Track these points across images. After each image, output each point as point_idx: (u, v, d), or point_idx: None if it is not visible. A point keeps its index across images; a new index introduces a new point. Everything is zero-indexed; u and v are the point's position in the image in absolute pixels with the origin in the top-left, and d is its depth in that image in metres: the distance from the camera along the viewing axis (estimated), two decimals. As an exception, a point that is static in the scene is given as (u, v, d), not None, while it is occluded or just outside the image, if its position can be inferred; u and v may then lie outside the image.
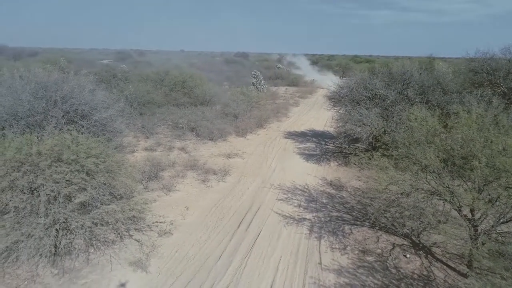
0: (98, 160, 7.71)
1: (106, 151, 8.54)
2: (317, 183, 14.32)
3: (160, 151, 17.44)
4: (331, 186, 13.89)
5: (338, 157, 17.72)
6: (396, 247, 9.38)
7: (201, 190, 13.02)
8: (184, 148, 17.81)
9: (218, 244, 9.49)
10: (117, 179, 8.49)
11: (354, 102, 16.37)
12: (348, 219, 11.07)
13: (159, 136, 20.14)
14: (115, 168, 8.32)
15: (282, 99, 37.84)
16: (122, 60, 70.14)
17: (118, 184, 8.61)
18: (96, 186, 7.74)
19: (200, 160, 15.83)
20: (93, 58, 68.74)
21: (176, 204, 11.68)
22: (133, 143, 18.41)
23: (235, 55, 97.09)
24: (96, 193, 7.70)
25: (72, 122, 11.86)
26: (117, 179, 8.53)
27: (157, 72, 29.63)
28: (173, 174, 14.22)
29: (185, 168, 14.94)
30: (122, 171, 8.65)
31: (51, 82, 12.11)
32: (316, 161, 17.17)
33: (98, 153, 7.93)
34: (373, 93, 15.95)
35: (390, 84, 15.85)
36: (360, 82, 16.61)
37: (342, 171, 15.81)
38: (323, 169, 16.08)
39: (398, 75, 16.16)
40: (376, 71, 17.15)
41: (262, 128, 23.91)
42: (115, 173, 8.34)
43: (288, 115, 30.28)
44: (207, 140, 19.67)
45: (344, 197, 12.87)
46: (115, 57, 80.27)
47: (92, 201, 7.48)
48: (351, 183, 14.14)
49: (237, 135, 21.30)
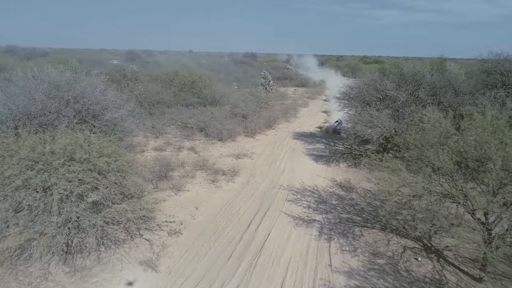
0: (110, 160, 7.79)
1: (118, 151, 8.60)
2: (327, 184, 14.24)
3: (170, 151, 17.53)
4: (341, 188, 13.79)
5: (347, 158, 17.60)
6: (407, 250, 9.27)
7: (210, 190, 13.05)
8: (194, 148, 17.88)
9: (227, 244, 9.50)
10: (128, 178, 8.55)
11: (364, 103, 16.24)
12: (358, 221, 10.98)
13: (168, 136, 20.25)
14: (126, 167, 8.37)
15: (291, 100, 37.74)
16: (131, 61, 70.76)
17: (129, 184, 8.67)
18: (107, 185, 7.81)
19: (209, 161, 15.87)
20: (103, 58, 69.51)
21: (185, 204, 11.72)
22: (143, 143, 18.54)
23: (243, 56, 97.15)
24: (108, 192, 7.76)
25: (84, 122, 12.00)
26: (128, 179, 8.59)
27: (166, 72, 29.78)
28: (182, 174, 14.28)
29: (195, 168, 14.99)
30: (133, 171, 8.70)
31: (64, 82, 12.25)
32: (325, 162, 17.07)
33: (110, 153, 8.00)
34: (384, 94, 15.81)
35: (401, 85, 15.68)
36: (370, 83, 16.47)
37: (352, 172, 15.70)
38: (333, 170, 15.98)
39: (409, 76, 15.99)
40: (386, 72, 16.99)
41: (271, 129, 23.89)
42: (126, 173, 8.39)
43: (297, 115, 30.20)
44: (216, 140, 19.71)
45: (354, 199, 12.77)
46: (124, 58, 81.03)
47: (103, 200, 7.54)
48: (361, 185, 14.02)
49: (246, 136, 21.30)
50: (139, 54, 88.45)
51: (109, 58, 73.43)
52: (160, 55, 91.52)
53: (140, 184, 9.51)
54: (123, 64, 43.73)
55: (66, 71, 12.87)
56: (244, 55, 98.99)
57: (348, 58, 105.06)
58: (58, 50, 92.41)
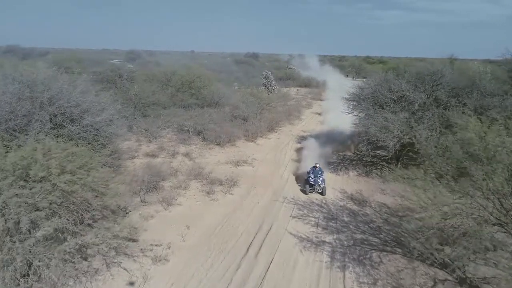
0: (75, 177, 6.26)
1: (91, 164, 7.08)
2: (336, 196, 12.71)
3: (163, 157, 16.02)
4: (353, 201, 12.25)
5: (357, 165, 16.05)
6: (438, 284, 7.72)
7: (205, 204, 11.53)
8: (189, 154, 16.36)
9: (223, 274, 7.98)
10: (102, 198, 7.04)
11: (376, 105, 14.67)
12: (375, 243, 9.43)
13: (163, 140, 18.74)
14: (98, 185, 6.86)
15: (294, 101, 36.19)
16: (132, 60, 69.42)
17: (105, 202, 7.18)
18: (72, 209, 6.29)
19: (205, 168, 14.34)
20: (104, 58, 68.05)
21: (175, 222, 10.20)
22: (134, 148, 17.05)
23: (245, 56, 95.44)
24: (72, 217, 6.25)
25: (60, 127, 10.52)
26: (103, 198, 7.08)
27: (163, 71, 28.23)
28: (174, 184, 12.78)
29: (189, 177, 13.48)
30: (108, 191, 7.18)
31: (39, 81, 10.77)
32: (333, 170, 15.52)
33: (78, 167, 6.48)
34: (399, 95, 14.25)
35: (418, 86, 14.12)
36: (383, 83, 14.90)
37: (363, 182, 14.14)
38: (342, 180, 14.44)
39: (427, 75, 14.43)
40: (401, 71, 15.42)
41: (273, 132, 22.34)
42: (100, 192, 6.88)
43: (300, 117, 28.69)
44: (214, 145, 18.19)
45: (368, 215, 11.23)
46: (125, 57, 79.73)
47: (64, 229, 6.03)
48: (375, 198, 12.48)
49: (247, 140, 19.76)
50: (140, 54, 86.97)
51: (110, 58, 72.04)
52: (162, 55, 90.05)
53: (117, 203, 8.03)
54: (119, 64, 42.29)
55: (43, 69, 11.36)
56: (246, 55, 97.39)
57: (351, 59, 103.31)
58: (60, 50, 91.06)
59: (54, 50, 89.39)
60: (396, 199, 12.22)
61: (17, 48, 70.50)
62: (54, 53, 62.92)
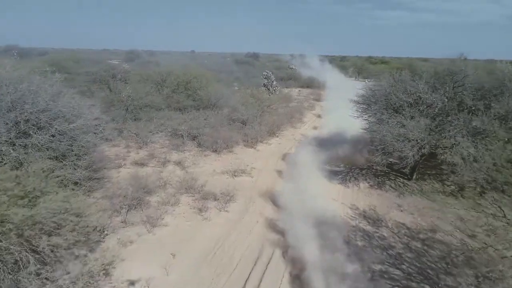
0: (15, 209, 4.72)
1: (41, 188, 5.53)
2: (346, 213, 11.14)
3: (152, 165, 14.48)
4: (366, 219, 10.69)
5: (367, 175, 14.47)
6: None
7: (196, 224, 9.98)
8: (181, 163, 14.80)
9: (212, 321, 6.45)
10: (58, 231, 5.50)
11: (390, 108, 13.10)
12: (397, 277, 7.87)
13: (154, 146, 17.20)
14: (51, 216, 5.31)
15: (296, 102, 34.65)
16: (131, 60, 68.12)
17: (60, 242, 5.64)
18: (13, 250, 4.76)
19: (198, 180, 12.80)
20: (103, 58, 66.59)
21: (160, 248, 8.65)
22: (122, 155, 15.52)
23: (245, 56, 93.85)
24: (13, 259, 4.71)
25: (25, 136, 8.98)
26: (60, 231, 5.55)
27: (158, 71, 26.68)
28: (162, 199, 11.24)
29: (179, 190, 11.95)
30: (68, 220, 5.64)
31: (1, 82, 9.23)
32: (341, 180, 13.95)
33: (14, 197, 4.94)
34: (415, 97, 12.68)
35: (437, 87, 12.55)
36: (397, 84, 13.32)
37: (376, 195, 12.57)
38: (352, 193, 12.88)
39: (446, 75, 12.87)
40: (418, 70, 13.84)
41: (274, 136, 20.77)
42: (52, 225, 5.33)
43: (303, 120, 27.09)
44: (209, 152, 16.64)
45: (385, 238, 9.66)
46: (124, 57, 78.46)
47: None
48: (391, 215, 10.91)
49: (246, 145, 18.21)
50: (139, 54, 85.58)
51: (109, 58, 70.68)
52: (163, 55, 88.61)
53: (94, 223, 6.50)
54: (114, 64, 40.82)
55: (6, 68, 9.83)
56: (246, 55, 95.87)
57: (352, 59, 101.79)
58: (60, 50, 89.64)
59: (54, 50, 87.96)
60: (416, 218, 10.70)
61: (16, 48, 69.24)
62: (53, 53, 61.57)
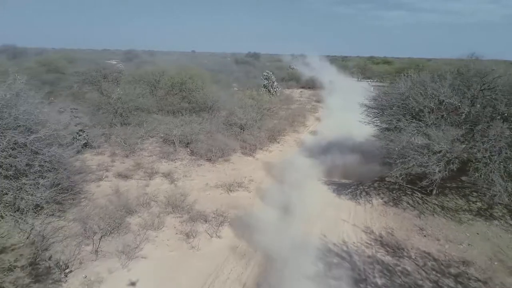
0: None
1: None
2: (360, 239, 9.49)
3: (138, 178, 12.85)
4: (384, 248, 9.03)
5: (380, 188, 12.84)
6: None
7: (180, 256, 8.33)
8: (171, 174, 13.15)
9: None
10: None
11: (408, 114, 11.44)
12: (431, 333, 6.23)
13: (143, 154, 15.60)
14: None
15: (298, 104, 33.04)
16: (129, 60, 66.79)
17: None
18: None
19: (188, 196, 11.20)
20: (101, 58, 65.09)
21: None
22: (106, 165, 13.90)
23: (246, 56, 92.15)
24: None
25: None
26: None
27: (151, 71, 25.03)
28: (145, 221, 9.63)
29: (165, 210, 10.33)
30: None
31: None
32: (351, 195, 12.33)
33: None
34: (436, 101, 11.02)
35: (464, 90, 10.90)
36: (416, 86, 11.65)
37: (392, 215, 10.91)
38: (364, 211, 11.23)
39: (473, 76, 11.23)
40: (441, 71, 12.17)
41: (275, 142, 19.12)
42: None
43: (305, 123, 25.41)
44: (203, 161, 15.00)
45: (409, 273, 8.00)
46: (122, 57, 77.14)
47: None
48: (413, 242, 9.25)
49: (243, 153, 16.56)
50: (138, 54, 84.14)
51: (107, 58, 69.26)
52: (163, 56, 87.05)
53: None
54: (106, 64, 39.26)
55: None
56: (247, 55, 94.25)
57: (354, 59, 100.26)
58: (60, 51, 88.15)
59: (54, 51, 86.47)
60: (443, 246, 9.05)
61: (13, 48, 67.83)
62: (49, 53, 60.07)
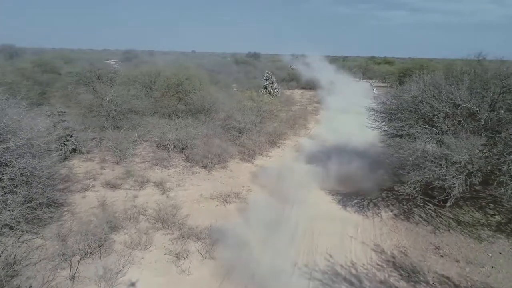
0: None
1: None
2: (370, 259, 8.53)
3: (127, 187, 11.90)
4: (397, 270, 8.06)
5: (389, 199, 11.88)
6: None
7: (168, 282, 7.38)
8: (163, 183, 12.18)
9: None
10: None
11: (421, 119, 10.49)
12: None
13: (135, 160, 14.65)
14: None
15: (299, 105, 32.08)
16: (127, 60, 66.06)
17: None
18: None
19: (181, 209, 10.25)
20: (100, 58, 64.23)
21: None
22: (94, 172, 12.96)
23: (246, 56, 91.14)
24: None
25: None
26: None
27: (146, 72, 24.04)
28: (131, 238, 8.68)
29: (154, 225, 9.38)
30: None
31: None
32: (358, 207, 11.37)
33: None
34: (451, 106, 10.06)
35: (483, 94, 9.93)
36: (430, 89, 10.68)
37: (404, 230, 9.94)
38: (373, 226, 10.26)
39: (491, 78, 10.28)
40: (457, 73, 11.18)
41: (275, 147, 18.14)
42: None
43: (307, 126, 24.42)
44: (199, 168, 14.04)
45: (428, 303, 7.06)
46: (121, 57, 76.44)
47: None
48: (429, 264, 8.28)
49: (242, 159, 15.60)
50: (137, 54, 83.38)
51: (106, 58, 68.48)
52: (163, 56, 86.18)
53: None
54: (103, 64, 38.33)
55: None
56: (247, 55, 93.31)
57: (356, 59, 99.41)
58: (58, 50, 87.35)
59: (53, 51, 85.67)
60: (463, 269, 8.08)
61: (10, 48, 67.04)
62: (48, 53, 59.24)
